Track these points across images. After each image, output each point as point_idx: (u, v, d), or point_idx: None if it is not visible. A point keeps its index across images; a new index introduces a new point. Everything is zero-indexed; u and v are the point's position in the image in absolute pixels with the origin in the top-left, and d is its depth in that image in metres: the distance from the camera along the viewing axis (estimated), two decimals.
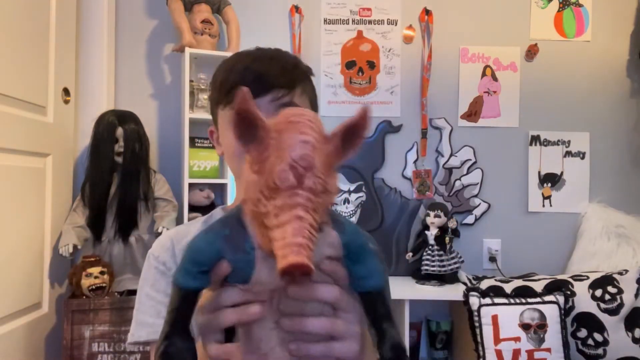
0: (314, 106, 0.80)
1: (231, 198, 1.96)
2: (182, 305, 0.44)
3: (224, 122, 0.76)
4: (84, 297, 1.66)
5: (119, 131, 1.79)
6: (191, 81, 1.92)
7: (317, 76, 1.63)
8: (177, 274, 0.44)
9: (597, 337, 1.71)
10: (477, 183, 2.15)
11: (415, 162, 2.13)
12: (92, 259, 1.70)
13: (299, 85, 0.74)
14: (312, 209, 0.38)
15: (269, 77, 0.71)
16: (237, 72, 0.72)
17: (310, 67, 0.79)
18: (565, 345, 1.69)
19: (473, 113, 2.16)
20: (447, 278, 1.91)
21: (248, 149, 0.40)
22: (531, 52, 2.17)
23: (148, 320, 0.76)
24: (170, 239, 0.80)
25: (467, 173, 2.15)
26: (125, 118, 1.82)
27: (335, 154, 0.41)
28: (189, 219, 1.84)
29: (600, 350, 1.71)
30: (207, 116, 1.90)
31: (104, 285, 1.68)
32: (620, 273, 1.80)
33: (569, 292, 1.76)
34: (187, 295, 0.44)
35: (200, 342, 0.45)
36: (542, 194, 2.17)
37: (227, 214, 0.46)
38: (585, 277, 1.82)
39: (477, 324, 1.71)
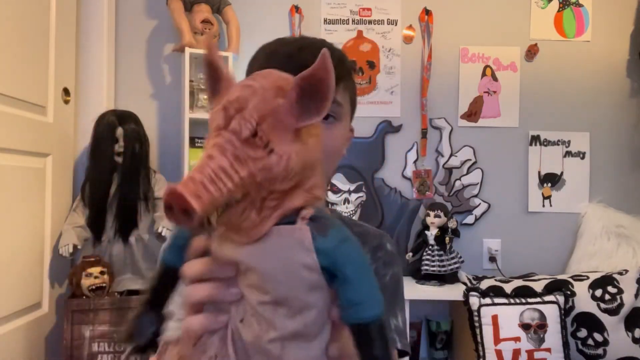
0: (354, 104, 0.75)
1: None
2: (159, 281, 0.42)
3: None
4: (84, 297, 1.66)
5: (119, 131, 1.79)
6: (191, 81, 1.92)
7: None
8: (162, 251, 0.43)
9: (597, 337, 1.71)
10: (477, 183, 2.15)
11: (415, 162, 2.13)
12: (92, 259, 1.70)
13: (342, 81, 0.70)
14: (233, 155, 0.33)
15: None
16: (280, 59, 0.66)
17: (353, 62, 0.76)
18: (565, 345, 1.69)
19: (473, 113, 2.16)
20: (447, 278, 1.91)
21: (213, 101, 0.38)
22: (531, 52, 2.16)
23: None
24: None
25: (467, 173, 2.15)
26: (125, 118, 1.82)
27: (289, 109, 0.35)
28: None
29: (600, 350, 1.71)
30: (207, 116, 1.90)
31: (104, 285, 1.68)
32: (620, 273, 1.80)
33: (569, 292, 1.76)
34: (166, 272, 0.42)
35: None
36: (542, 194, 2.17)
37: None
38: (585, 277, 1.82)
39: (477, 324, 1.71)
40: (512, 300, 1.73)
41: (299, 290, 0.35)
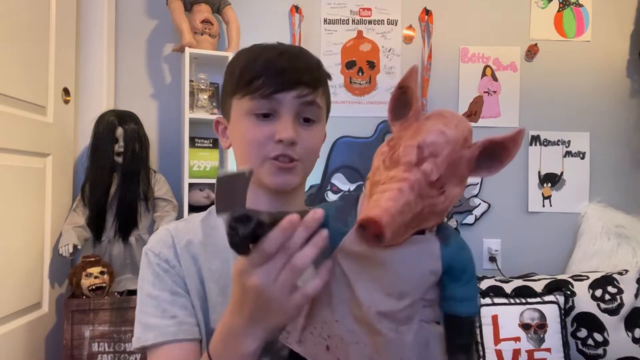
0: (329, 108, 0.79)
1: None
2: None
3: (239, 111, 0.71)
4: (84, 297, 1.66)
5: (119, 131, 1.79)
6: (191, 81, 1.92)
7: None
8: None
9: (597, 337, 1.71)
10: (477, 183, 2.15)
11: None
12: (92, 259, 1.70)
13: (321, 85, 0.73)
14: (418, 193, 0.38)
15: (295, 72, 0.68)
16: (261, 64, 0.69)
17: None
18: (565, 345, 1.69)
19: (473, 113, 2.16)
20: None
21: (394, 125, 0.43)
22: (531, 52, 2.16)
23: (153, 321, 0.71)
24: (170, 236, 0.76)
25: None
26: (125, 118, 1.82)
27: (468, 161, 0.41)
28: None
29: (600, 350, 1.71)
30: (207, 116, 1.90)
31: (104, 285, 1.68)
32: (620, 273, 1.80)
33: (569, 292, 1.76)
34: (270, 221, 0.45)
35: None
36: (542, 194, 2.17)
37: (353, 193, 0.49)
38: (585, 277, 1.82)
39: (477, 324, 1.71)
40: (512, 300, 1.73)
41: (422, 289, 0.43)
